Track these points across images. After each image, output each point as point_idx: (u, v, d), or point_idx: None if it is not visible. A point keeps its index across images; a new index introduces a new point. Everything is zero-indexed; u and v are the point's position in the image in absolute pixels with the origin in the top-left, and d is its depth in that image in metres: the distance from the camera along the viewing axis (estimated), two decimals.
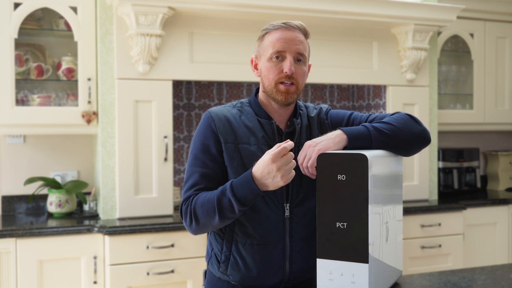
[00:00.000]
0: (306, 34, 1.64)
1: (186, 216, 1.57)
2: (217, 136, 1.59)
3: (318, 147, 1.48)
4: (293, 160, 1.44)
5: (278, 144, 1.44)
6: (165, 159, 2.97)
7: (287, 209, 1.58)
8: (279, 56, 1.58)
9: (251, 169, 1.46)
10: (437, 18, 3.35)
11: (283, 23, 1.61)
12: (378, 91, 3.57)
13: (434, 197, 3.63)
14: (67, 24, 3.03)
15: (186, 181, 1.61)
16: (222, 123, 1.61)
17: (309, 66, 1.68)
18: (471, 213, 3.52)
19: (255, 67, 1.68)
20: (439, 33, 3.74)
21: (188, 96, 3.47)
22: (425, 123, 3.49)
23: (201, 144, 1.61)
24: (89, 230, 2.73)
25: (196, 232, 1.60)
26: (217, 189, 1.52)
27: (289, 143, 1.42)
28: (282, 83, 1.58)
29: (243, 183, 1.46)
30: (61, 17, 3.02)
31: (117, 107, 2.90)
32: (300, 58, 1.60)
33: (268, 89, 1.61)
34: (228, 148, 1.58)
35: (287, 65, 1.57)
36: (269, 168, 1.41)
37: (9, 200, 3.17)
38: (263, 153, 1.54)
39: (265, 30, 1.64)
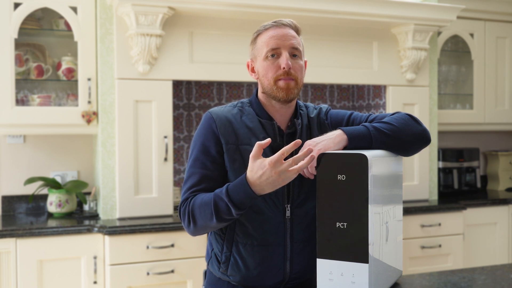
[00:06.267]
0: (297, 30, 1.64)
1: (185, 217, 1.57)
2: (218, 137, 1.59)
3: (318, 147, 1.48)
4: (299, 162, 1.40)
5: (258, 143, 1.41)
6: (165, 159, 2.97)
7: (288, 210, 1.58)
8: (275, 53, 1.58)
9: (245, 174, 1.44)
10: (437, 18, 3.35)
11: (274, 22, 1.61)
12: (378, 91, 3.57)
13: (434, 197, 3.63)
14: (67, 24, 3.03)
15: (185, 182, 1.61)
16: (223, 124, 1.60)
17: (305, 62, 1.68)
18: (471, 213, 3.52)
19: (252, 70, 1.67)
20: (439, 33, 3.74)
21: (188, 96, 3.47)
22: (425, 123, 3.49)
23: (201, 145, 1.60)
24: (89, 230, 2.73)
25: (194, 233, 1.59)
26: (214, 192, 1.51)
27: (286, 148, 1.39)
28: (281, 79, 1.58)
29: (239, 188, 1.44)
30: (61, 17, 3.02)
31: (117, 107, 2.90)
32: (295, 53, 1.60)
33: (268, 88, 1.60)
34: (229, 149, 1.58)
35: (283, 60, 1.56)
36: (268, 174, 1.39)
37: (9, 200, 3.17)
38: (264, 154, 1.53)
39: (256, 32, 1.64)
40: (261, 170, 1.39)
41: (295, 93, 1.60)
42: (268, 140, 1.42)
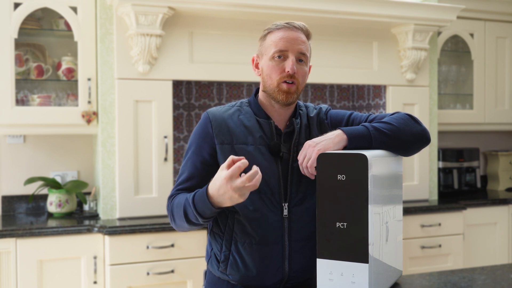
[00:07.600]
0: (308, 35, 1.64)
1: (168, 214, 1.63)
2: (213, 138, 1.60)
3: (318, 147, 1.48)
4: (258, 175, 1.38)
5: (231, 157, 1.40)
6: (165, 159, 2.97)
7: (285, 209, 1.58)
8: (281, 55, 1.58)
9: (207, 185, 1.47)
10: (437, 18, 3.35)
11: (286, 23, 1.61)
12: (378, 91, 3.57)
13: (434, 197, 3.63)
14: (67, 24, 3.03)
15: (177, 179, 1.66)
16: (219, 124, 1.61)
17: (310, 67, 1.68)
18: (471, 213, 3.52)
19: (256, 66, 1.68)
20: (439, 33, 3.74)
21: (188, 96, 3.47)
22: (425, 123, 3.49)
23: (195, 145, 1.63)
24: (89, 230, 2.73)
25: (178, 229, 1.65)
26: (187, 196, 1.53)
27: (243, 162, 1.38)
28: (284, 82, 1.58)
29: (200, 199, 1.48)
30: (61, 17, 3.02)
31: (117, 107, 2.90)
32: (302, 58, 1.60)
33: (269, 88, 1.61)
34: (224, 149, 1.59)
35: (289, 64, 1.57)
36: (225, 188, 1.39)
37: (9, 200, 3.17)
38: (260, 153, 1.55)
39: (267, 29, 1.64)
40: (219, 182, 1.41)
41: (295, 98, 1.61)
42: (245, 162, 1.39)
